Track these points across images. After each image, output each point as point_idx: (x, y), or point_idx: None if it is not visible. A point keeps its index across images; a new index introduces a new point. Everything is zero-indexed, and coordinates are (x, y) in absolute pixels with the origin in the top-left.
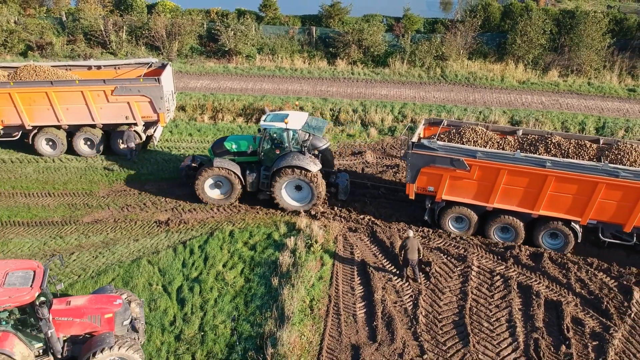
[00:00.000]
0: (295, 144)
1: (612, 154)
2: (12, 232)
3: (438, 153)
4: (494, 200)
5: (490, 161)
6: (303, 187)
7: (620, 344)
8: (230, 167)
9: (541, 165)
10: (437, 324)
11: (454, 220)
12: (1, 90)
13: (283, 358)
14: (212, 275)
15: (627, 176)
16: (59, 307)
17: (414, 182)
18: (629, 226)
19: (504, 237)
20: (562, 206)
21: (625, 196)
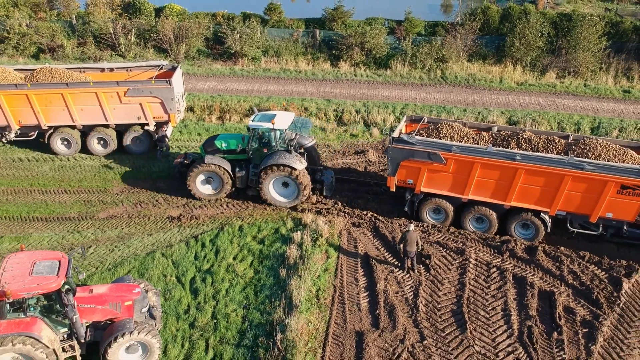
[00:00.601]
0: (282, 143)
1: (579, 148)
2: (31, 227)
3: (416, 147)
4: (469, 192)
5: (464, 155)
6: (289, 184)
7: (609, 331)
8: (220, 164)
9: (511, 158)
10: (436, 313)
11: (432, 211)
12: (19, 92)
13: (292, 343)
14: (223, 267)
15: (591, 169)
16: (82, 294)
17: (395, 175)
18: (594, 217)
19: (479, 228)
20: (532, 198)
21: (589, 188)
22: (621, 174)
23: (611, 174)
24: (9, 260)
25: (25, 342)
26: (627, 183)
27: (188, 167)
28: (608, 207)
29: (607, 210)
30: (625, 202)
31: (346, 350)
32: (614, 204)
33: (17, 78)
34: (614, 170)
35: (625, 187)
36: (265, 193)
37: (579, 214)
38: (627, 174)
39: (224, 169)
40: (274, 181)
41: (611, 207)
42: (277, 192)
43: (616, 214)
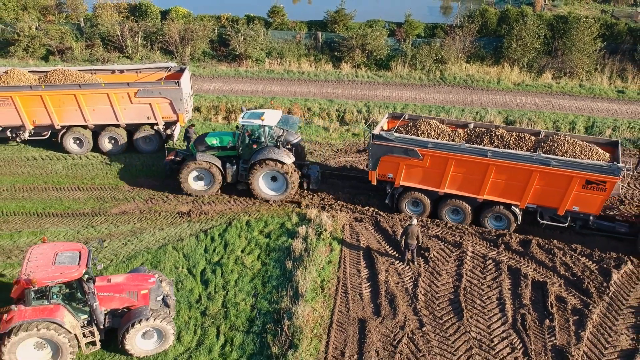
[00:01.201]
0: (270, 139)
1: (547, 145)
2: (47, 222)
3: (394, 144)
4: (445, 186)
5: (439, 151)
6: (278, 178)
7: (598, 319)
8: (212, 161)
9: (483, 155)
10: (434, 302)
11: (411, 204)
12: (33, 93)
13: (298, 329)
14: (232, 260)
15: (558, 165)
16: (101, 283)
17: (375, 169)
18: (562, 210)
19: (455, 219)
20: (503, 192)
21: (556, 183)
22: (585, 170)
23: (576, 170)
24: (32, 251)
25: (49, 328)
26: (591, 178)
27: (179, 164)
28: (574, 201)
29: (574, 204)
30: (590, 196)
31: (349, 336)
32: (580, 198)
33: (32, 80)
34: (579, 167)
35: (590, 182)
36: (255, 187)
37: (547, 207)
38: (591, 170)
39: (215, 165)
40: (263, 175)
41: (577, 201)
42: (267, 186)
43: (582, 207)
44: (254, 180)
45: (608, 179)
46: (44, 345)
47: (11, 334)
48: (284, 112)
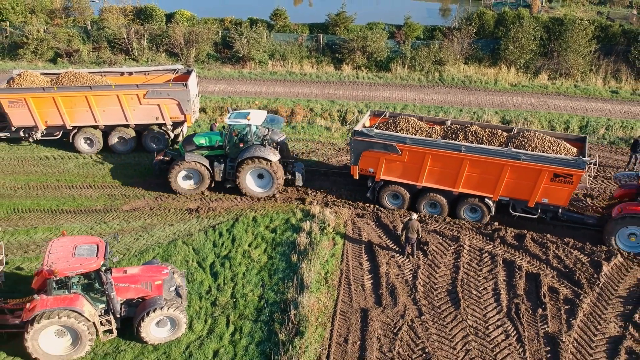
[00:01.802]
0: (256, 138)
1: (518, 140)
2: (61, 218)
3: (374, 139)
4: (422, 179)
5: (417, 146)
6: (264, 175)
7: (589, 308)
8: (200, 161)
9: (457, 149)
10: (433, 292)
11: (391, 197)
12: (46, 95)
13: (304, 318)
14: (240, 253)
15: (527, 159)
16: (118, 275)
17: (357, 164)
18: (532, 202)
19: (433, 212)
20: (477, 185)
21: (526, 176)
22: (553, 163)
23: (544, 163)
24: (53, 244)
25: (70, 316)
26: (559, 172)
27: (168, 164)
28: (543, 193)
29: (543, 196)
30: (558, 188)
31: (352, 324)
32: (549, 191)
33: (44, 82)
34: (547, 161)
35: (558, 176)
36: (242, 184)
37: (519, 200)
38: (559, 164)
39: (203, 165)
40: (250, 173)
41: (546, 193)
42: (253, 183)
43: (551, 199)
44: (241, 177)
45: (574, 172)
46: (64, 332)
47: (34, 321)
48: (287, 112)
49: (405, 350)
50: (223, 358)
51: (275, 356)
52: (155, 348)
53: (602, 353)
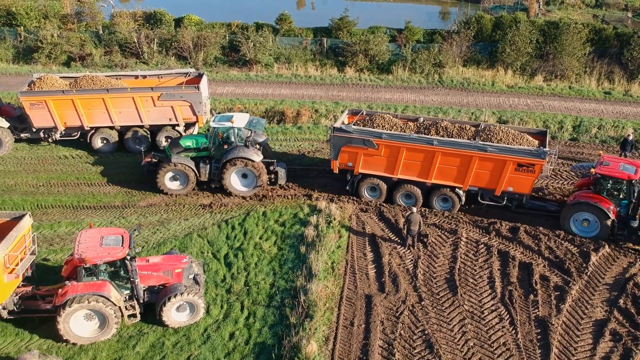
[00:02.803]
0: (240, 139)
1: (485, 134)
2: (82, 214)
3: (353, 135)
4: (398, 172)
5: (392, 141)
6: (248, 175)
7: (577, 294)
8: (186, 163)
9: (429, 143)
10: (432, 280)
11: (369, 189)
12: (66, 97)
13: (313, 303)
14: (251, 245)
15: (493, 151)
16: (141, 263)
17: (337, 159)
18: (498, 190)
19: (408, 202)
20: (448, 176)
21: (493, 167)
22: (517, 154)
23: (509, 154)
24: (82, 235)
25: (98, 300)
26: (522, 162)
27: (156, 166)
28: (509, 182)
29: (508, 185)
30: (522, 177)
31: (357, 309)
32: (513, 180)
33: (63, 85)
34: (511, 152)
35: (521, 165)
36: (228, 184)
37: (486, 189)
38: (522, 155)
39: (189, 167)
40: (234, 173)
41: (511, 182)
42: (238, 183)
43: (515, 187)
44: (226, 178)
45: (536, 162)
46: (93, 316)
47: (66, 305)
48: (293, 113)
49: (406, 332)
50: (238, 339)
51: (287, 337)
52: (175, 331)
53: (588, 335)
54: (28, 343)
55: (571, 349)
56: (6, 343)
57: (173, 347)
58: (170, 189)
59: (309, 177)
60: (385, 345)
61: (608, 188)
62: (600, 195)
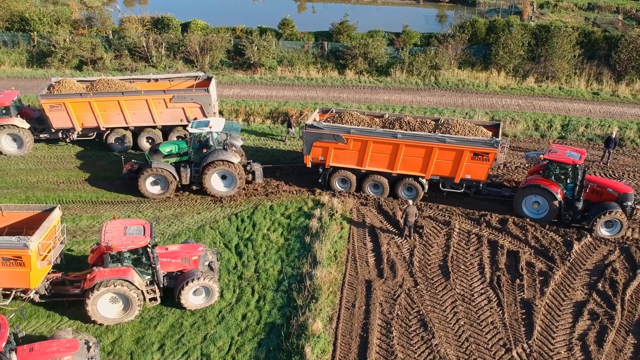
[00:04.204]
0: (217, 143)
1: (444, 127)
2: (102, 208)
3: (324, 131)
4: (366, 164)
5: (360, 135)
6: (227, 176)
7: (559, 279)
8: (165, 168)
9: (394, 136)
10: (427, 267)
11: (340, 181)
12: (83, 100)
13: (318, 287)
14: (260, 236)
15: (452, 142)
16: (160, 251)
17: (309, 153)
18: (457, 178)
19: (375, 192)
20: (412, 166)
21: (451, 157)
22: (473, 144)
23: (465, 145)
24: (107, 226)
25: (123, 284)
26: (477, 151)
27: (137, 173)
28: (466, 171)
29: (466, 173)
30: (477, 166)
31: (358, 293)
32: (470, 168)
33: (80, 88)
34: (468, 142)
35: (477, 155)
36: (208, 186)
37: (446, 177)
38: (477, 145)
39: (168, 171)
40: (214, 175)
41: (468, 171)
42: (217, 184)
43: (473, 175)
44: (206, 180)
45: (490, 151)
46: (117, 299)
47: (94, 289)
48: (296, 114)
49: (403, 312)
50: (250, 320)
51: (294, 317)
52: (192, 313)
53: (568, 315)
54: (59, 324)
55: (552, 327)
56: (39, 324)
57: (191, 327)
58: (151, 194)
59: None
60: (383, 325)
61: (556, 173)
62: (548, 180)
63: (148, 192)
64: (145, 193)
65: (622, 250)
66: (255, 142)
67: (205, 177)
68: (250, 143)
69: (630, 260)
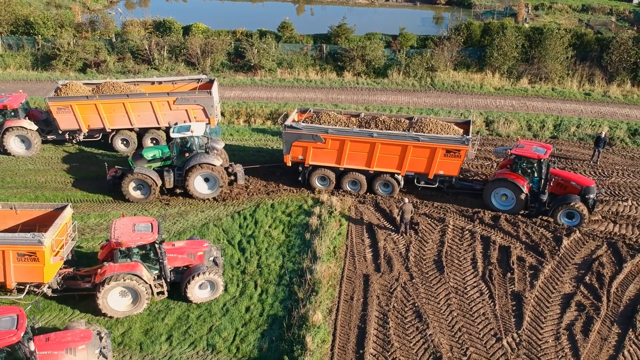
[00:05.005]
0: (199, 146)
1: (417, 126)
2: (109, 207)
3: (302, 131)
4: (344, 162)
5: (337, 135)
6: (210, 179)
7: (549, 272)
8: (147, 173)
9: (370, 135)
10: (422, 262)
11: (320, 179)
12: (89, 102)
13: (318, 281)
14: (262, 233)
15: (425, 140)
16: (167, 247)
17: (289, 153)
18: (431, 174)
19: (354, 188)
20: (388, 163)
21: (425, 154)
22: (445, 142)
23: (438, 142)
24: (116, 223)
25: (132, 279)
26: (449, 148)
27: (120, 179)
28: (440, 167)
29: (439, 169)
30: (450, 162)
31: (356, 286)
32: (443, 164)
33: (86, 91)
34: (440, 140)
35: (449, 151)
36: (192, 189)
37: (421, 173)
38: (449, 142)
39: (149, 176)
40: (197, 178)
41: (442, 167)
42: (201, 187)
43: (446, 171)
44: (190, 183)
45: (461, 148)
46: (126, 293)
47: (104, 283)
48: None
49: (399, 305)
50: (254, 312)
51: (296, 309)
52: (198, 306)
53: (556, 306)
54: (70, 317)
55: (541, 318)
56: (52, 317)
57: (197, 319)
58: (134, 198)
59: None
60: (380, 316)
61: (522, 167)
62: (516, 173)
63: (131, 196)
64: (129, 197)
65: (610, 245)
66: (257, 142)
67: (188, 180)
68: (252, 144)
69: (617, 254)
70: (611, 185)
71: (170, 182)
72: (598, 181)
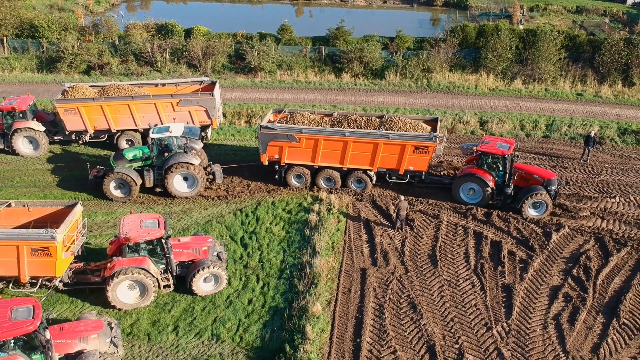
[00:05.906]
0: (178, 147)
1: (387, 124)
2: (115, 205)
3: (277, 131)
4: (318, 160)
5: (311, 134)
6: (189, 178)
7: (538, 266)
8: (127, 172)
9: (342, 134)
10: (417, 256)
11: (296, 177)
12: (95, 104)
13: (317, 274)
14: (263, 230)
15: (395, 138)
16: (173, 242)
17: (265, 153)
18: (402, 170)
19: (328, 185)
20: (360, 160)
21: (395, 151)
22: (414, 139)
23: (408, 140)
24: (125, 219)
25: (140, 272)
26: (418, 145)
27: (102, 178)
28: (409, 163)
29: (409, 165)
30: (419, 158)
31: (354, 279)
32: (413, 160)
33: (92, 93)
34: (409, 137)
35: (418, 148)
36: (171, 188)
37: (392, 169)
38: (417, 139)
39: (129, 175)
40: (176, 177)
41: (411, 162)
42: (180, 185)
43: (415, 166)
44: (169, 182)
45: (429, 144)
46: (134, 286)
47: (114, 276)
48: None
49: (394, 296)
50: (256, 304)
51: (296, 301)
52: (203, 298)
53: (545, 297)
54: (81, 309)
55: (530, 309)
56: (63, 309)
57: (202, 310)
58: (115, 196)
59: None
60: (377, 307)
61: (488, 162)
62: (482, 169)
63: (112, 195)
64: (109, 196)
65: (597, 240)
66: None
67: (167, 180)
68: (253, 144)
69: (604, 249)
70: (600, 183)
71: (150, 181)
72: (588, 179)
